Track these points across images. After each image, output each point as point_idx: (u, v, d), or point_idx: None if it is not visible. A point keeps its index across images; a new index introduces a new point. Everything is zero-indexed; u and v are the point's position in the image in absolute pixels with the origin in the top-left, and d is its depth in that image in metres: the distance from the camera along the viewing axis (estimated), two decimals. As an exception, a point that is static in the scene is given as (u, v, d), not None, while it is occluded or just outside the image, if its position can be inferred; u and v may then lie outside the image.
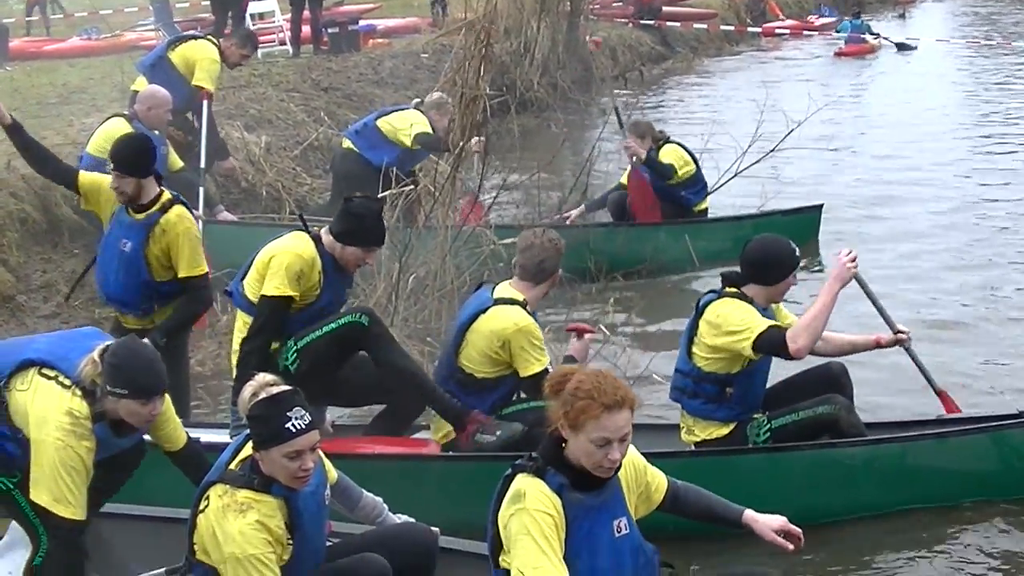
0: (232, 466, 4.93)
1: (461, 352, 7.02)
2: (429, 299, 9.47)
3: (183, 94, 11.46)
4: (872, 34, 29.33)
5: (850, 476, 6.84)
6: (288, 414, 4.73)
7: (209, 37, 12.07)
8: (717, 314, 6.70)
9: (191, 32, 12.26)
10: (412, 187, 10.10)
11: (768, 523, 5.04)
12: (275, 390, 4.84)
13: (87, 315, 9.82)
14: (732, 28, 29.33)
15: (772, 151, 13.45)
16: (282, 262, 6.86)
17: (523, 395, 7.12)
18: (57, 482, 5.04)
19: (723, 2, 31.45)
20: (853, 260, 6.75)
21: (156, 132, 10.67)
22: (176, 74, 11.64)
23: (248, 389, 4.89)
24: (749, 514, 5.07)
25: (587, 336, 7.21)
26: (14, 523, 5.80)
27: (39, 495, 5.08)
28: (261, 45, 20.79)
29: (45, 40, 24.15)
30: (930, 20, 31.36)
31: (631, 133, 12.16)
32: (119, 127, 10.58)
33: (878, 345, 7.21)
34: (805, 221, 12.49)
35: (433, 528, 5.38)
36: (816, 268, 11.80)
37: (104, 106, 14.26)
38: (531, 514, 4.47)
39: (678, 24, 27.88)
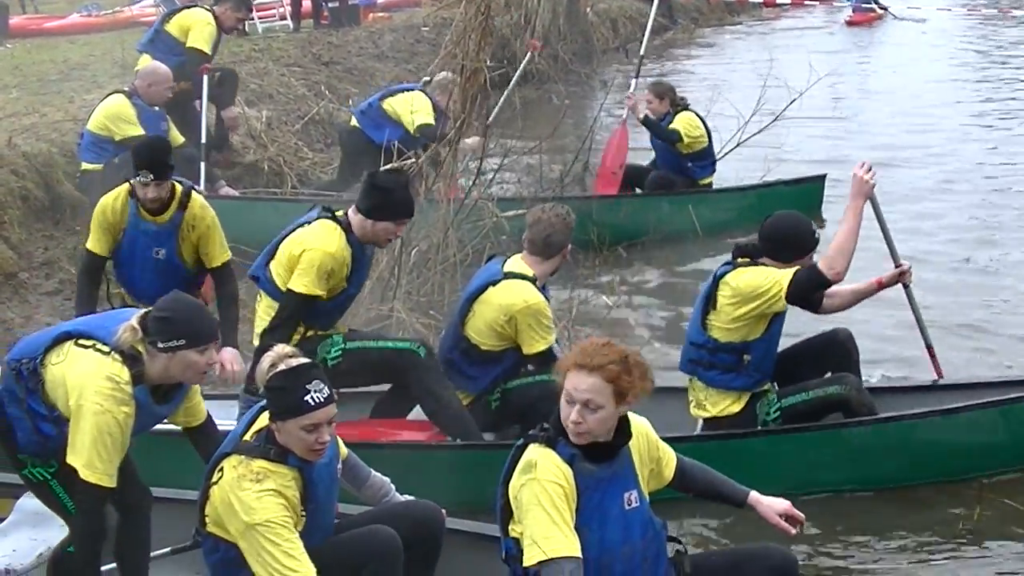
0: (246, 437, 4.93)
1: (467, 322, 6.99)
2: (432, 272, 9.45)
3: (185, 62, 11.51)
4: (879, 5, 29.41)
5: (860, 455, 6.80)
6: (307, 387, 4.75)
7: (203, 5, 12.03)
8: (738, 284, 6.64)
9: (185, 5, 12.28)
10: (413, 160, 10.07)
11: (772, 506, 5.06)
12: (294, 362, 4.85)
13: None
14: (733, -1, 29.27)
15: (774, 120, 13.44)
16: (313, 260, 6.75)
17: (530, 368, 7.10)
18: (92, 447, 4.94)
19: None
20: (870, 170, 6.66)
21: (156, 108, 10.69)
22: (175, 43, 11.64)
23: (267, 360, 4.89)
24: (754, 496, 5.09)
25: None
26: (20, 502, 5.80)
27: (74, 459, 4.97)
28: (262, 20, 20.85)
29: (45, 17, 24.08)
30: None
31: (650, 91, 12.12)
32: (119, 104, 10.58)
33: (880, 286, 7.09)
34: (809, 191, 12.46)
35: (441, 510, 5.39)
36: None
37: (105, 82, 14.23)
38: (542, 484, 4.50)
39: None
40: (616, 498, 4.64)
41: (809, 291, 6.61)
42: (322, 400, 4.77)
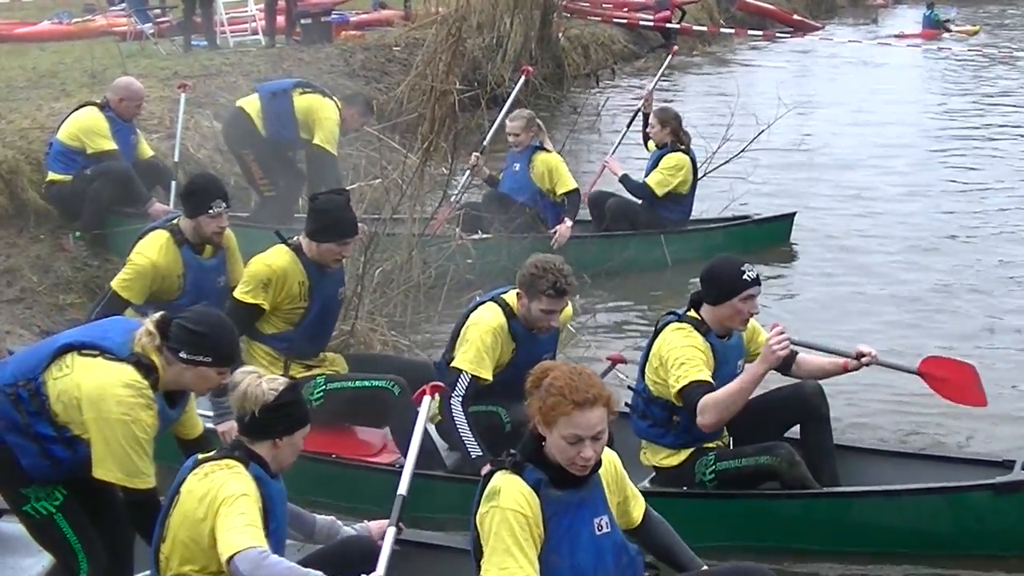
0: None
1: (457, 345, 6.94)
2: (395, 293, 9.46)
3: (291, 135, 11.14)
4: (943, 25, 32.08)
5: (789, 531, 6.42)
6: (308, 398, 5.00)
7: (335, 97, 11.31)
8: (662, 342, 6.43)
9: (319, 86, 11.61)
10: (380, 179, 10.10)
11: None
12: (287, 380, 5.00)
13: (51, 300, 9.80)
14: (705, 28, 29.36)
15: (740, 153, 13.50)
16: (253, 271, 7.02)
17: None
18: (128, 457, 4.92)
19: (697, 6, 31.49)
20: (781, 340, 6.14)
21: (127, 122, 10.72)
22: (290, 115, 11.08)
23: (263, 382, 4.85)
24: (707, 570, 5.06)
25: (619, 366, 7.44)
26: None
27: (108, 472, 4.94)
28: (233, 34, 20.84)
29: (15, 23, 24.01)
30: (901, 23, 31.68)
31: (656, 116, 11.87)
32: (93, 117, 10.58)
33: (847, 370, 6.71)
34: (777, 229, 12.47)
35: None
36: (786, 275, 11.73)
37: (74, 91, 14.20)
38: (504, 512, 4.50)
39: (650, 22, 27.85)
40: (586, 523, 4.64)
41: (686, 409, 6.29)
42: None
